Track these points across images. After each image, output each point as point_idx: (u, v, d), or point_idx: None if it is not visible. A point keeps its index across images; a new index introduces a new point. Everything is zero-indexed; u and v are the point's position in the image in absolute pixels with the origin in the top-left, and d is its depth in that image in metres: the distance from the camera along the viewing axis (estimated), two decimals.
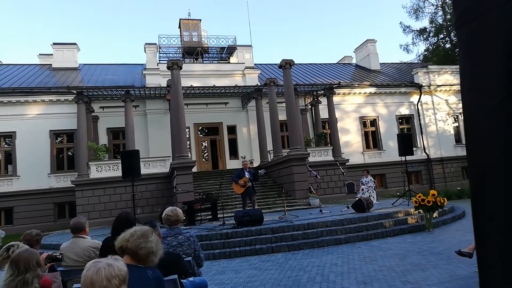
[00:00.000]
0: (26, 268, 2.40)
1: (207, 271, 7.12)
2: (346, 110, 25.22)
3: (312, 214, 12.00)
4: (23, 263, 2.40)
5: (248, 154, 22.63)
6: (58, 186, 19.84)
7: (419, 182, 25.67)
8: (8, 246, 3.35)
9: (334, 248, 8.67)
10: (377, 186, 21.80)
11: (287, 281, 6.11)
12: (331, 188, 19.33)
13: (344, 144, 23.55)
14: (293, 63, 18.33)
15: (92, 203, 17.24)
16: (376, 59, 30.76)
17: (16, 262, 2.41)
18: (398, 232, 9.69)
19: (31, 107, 20.38)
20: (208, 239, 9.44)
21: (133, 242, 2.41)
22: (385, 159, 24.89)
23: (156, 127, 21.67)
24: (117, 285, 1.76)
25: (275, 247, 8.81)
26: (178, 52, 24.40)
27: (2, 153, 20.27)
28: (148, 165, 18.20)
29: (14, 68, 24.79)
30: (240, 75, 23.96)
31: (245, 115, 23.48)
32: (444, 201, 9.69)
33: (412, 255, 7.12)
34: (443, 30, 38.44)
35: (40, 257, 2.68)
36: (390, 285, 5.35)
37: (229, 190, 15.72)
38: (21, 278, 2.36)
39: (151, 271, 2.43)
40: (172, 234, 4.31)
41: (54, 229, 18.30)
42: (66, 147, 21.23)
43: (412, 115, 26.70)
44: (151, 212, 17.00)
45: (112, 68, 26.48)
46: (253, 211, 10.52)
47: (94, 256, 4.36)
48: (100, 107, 21.13)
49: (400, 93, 26.42)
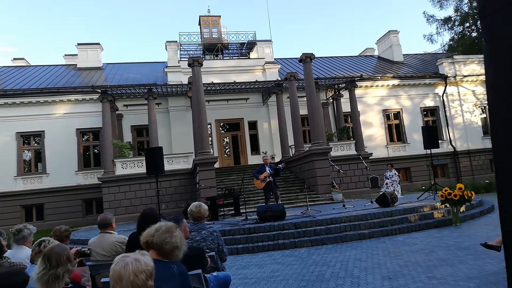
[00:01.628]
0: (57, 262, 2.48)
1: (230, 266, 7.19)
2: (368, 103, 24.83)
3: (335, 209, 11.91)
4: (54, 257, 2.49)
5: (269, 150, 22.64)
6: (86, 183, 20.45)
7: (445, 175, 25.05)
8: (40, 241, 3.47)
9: (358, 243, 8.59)
10: (402, 180, 21.44)
11: (311, 276, 6.10)
12: (354, 183, 19.10)
13: (367, 138, 23.21)
14: (313, 56, 18.14)
15: (118, 199, 17.66)
16: (399, 51, 30.07)
17: (48, 256, 2.50)
18: (423, 227, 9.52)
19: (58, 107, 21.02)
20: (231, 234, 9.53)
21: (158, 237, 2.46)
22: (410, 152, 24.40)
23: (178, 124, 21.96)
24: (144, 280, 1.81)
25: (298, 242, 8.80)
26: (199, 49, 24.56)
27: (32, 151, 21.00)
28: (172, 162, 18.47)
29: (42, 69, 25.58)
30: (260, 70, 23.93)
31: (266, 110, 23.47)
32: (471, 195, 9.44)
33: (438, 250, 6.98)
34: (468, 18, 37.17)
35: (70, 252, 2.77)
36: (416, 280, 5.26)
37: (251, 186, 15.76)
38: (53, 272, 2.44)
39: (176, 265, 2.48)
40: (195, 229, 4.38)
41: (82, 224, 18.88)
42: (92, 145, 21.81)
43: (437, 107, 26.03)
44: (175, 208, 17.27)
45: (135, 67, 26.95)
46: (275, 206, 10.54)
47: (120, 251, 4.47)
48: (124, 105, 21.56)
49: (424, 84, 25.79)
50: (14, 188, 19.77)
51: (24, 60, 28.30)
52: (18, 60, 28.06)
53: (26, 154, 20.94)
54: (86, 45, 25.81)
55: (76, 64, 25.77)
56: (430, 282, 5.11)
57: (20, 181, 19.99)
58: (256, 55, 24.64)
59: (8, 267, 3.50)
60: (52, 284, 2.41)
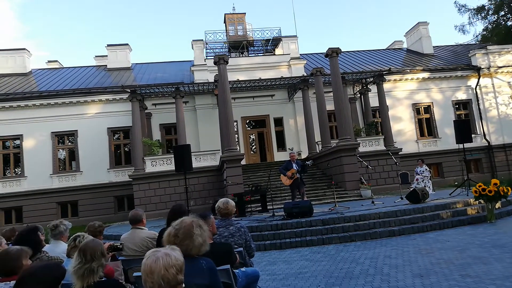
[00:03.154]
0: (92, 257, 2.57)
1: (258, 262, 7.23)
2: (397, 97, 24.24)
3: (363, 206, 11.76)
4: (89, 252, 2.58)
5: (296, 146, 22.54)
6: (117, 180, 21.05)
7: (479, 170, 24.16)
8: (75, 236, 3.61)
9: (388, 240, 8.45)
10: (433, 175, 20.83)
11: (339, 272, 6.06)
12: (383, 179, 18.72)
13: (397, 133, 22.69)
14: (340, 51, 17.86)
15: (148, 196, 18.08)
16: (429, 42, 29.12)
17: (83, 251, 2.60)
18: (456, 224, 9.25)
19: (90, 107, 21.72)
20: (259, 230, 9.57)
21: (181, 245, 2.39)
22: (441, 147, 23.68)
23: (205, 121, 22.21)
24: (174, 274, 1.85)
25: (326, 239, 8.75)
26: (224, 47, 24.71)
27: (67, 150, 21.81)
28: (199, 159, 18.72)
29: (74, 70, 26.49)
30: (286, 66, 23.82)
31: (292, 107, 23.36)
32: (507, 191, 9.11)
33: (472, 248, 6.76)
34: (503, 6, 35.52)
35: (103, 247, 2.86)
36: (449, 278, 5.12)
37: (278, 182, 15.76)
38: (88, 266, 2.53)
39: (204, 261, 2.52)
40: (223, 225, 4.43)
41: (114, 220, 19.47)
42: (123, 143, 22.41)
43: (470, 100, 25.10)
44: (203, 204, 17.50)
45: (162, 66, 27.46)
46: (302, 203, 10.50)
47: (151, 246, 4.59)
48: (152, 104, 22.01)
49: (456, 77, 24.90)
50: (50, 185, 20.62)
51: (58, 62, 29.46)
52: (52, 62, 29.25)
53: (60, 153, 21.77)
54: (115, 46, 26.49)
55: (106, 64, 26.53)
56: (464, 281, 4.95)
57: (55, 179, 20.82)
58: (282, 51, 24.53)
59: (47, 261, 3.66)
60: (87, 277, 2.50)
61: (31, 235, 3.92)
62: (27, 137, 20.96)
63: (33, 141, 21.00)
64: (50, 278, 2.21)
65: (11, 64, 25.00)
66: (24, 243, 3.43)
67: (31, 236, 3.89)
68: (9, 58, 25.12)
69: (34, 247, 3.54)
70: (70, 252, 3.52)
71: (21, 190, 20.32)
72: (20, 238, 3.90)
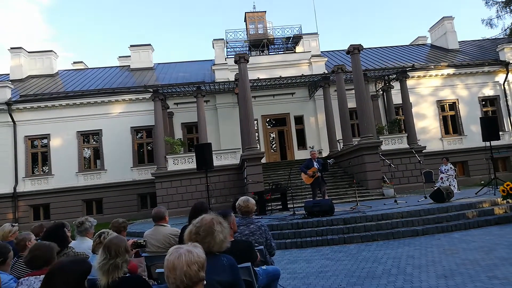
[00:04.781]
0: (116, 253, 2.64)
1: (279, 260, 7.24)
2: (421, 94, 23.71)
3: (386, 205, 11.59)
4: (113, 248, 2.65)
5: (316, 144, 22.39)
6: (140, 178, 21.46)
7: (507, 169, 23.37)
8: (100, 233, 3.71)
9: (411, 239, 8.30)
10: (458, 174, 20.30)
11: (361, 272, 5.99)
12: (406, 178, 18.37)
13: (420, 131, 22.19)
14: (361, 47, 17.61)
15: (170, 194, 18.35)
16: (454, 37, 28.33)
17: (108, 247, 2.67)
18: (482, 224, 8.99)
19: (114, 106, 22.20)
20: (279, 229, 9.57)
21: (203, 242, 2.41)
22: (467, 145, 23.03)
23: (226, 120, 22.35)
24: (196, 271, 1.88)
25: (347, 238, 8.67)
26: (245, 45, 24.76)
27: (91, 149, 22.38)
28: (220, 157, 18.85)
29: (98, 71, 27.13)
30: (307, 64, 23.66)
31: (312, 105, 23.20)
32: None
33: (500, 248, 6.57)
34: None
35: (127, 243, 2.93)
36: (474, 280, 4.99)
37: (298, 181, 15.70)
38: (112, 262, 2.60)
39: (225, 258, 2.55)
40: (244, 223, 4.45)
41: (138, 218, 19.85)
42: (145, 142, 22.81)
43: (497, 96, 24.30)
44: (224, 202, 17.63)
45: (184, 66, 27.78)
46: (323, 202, 10.43)
47: (174, 243, 4.65)
48: (174, 104, 22.30)
49: (483, 72, 24.15)
50: (76, 183, 21.21)
51: (83, 63, 30.25)
52: (77, 63, 30.07)
53: (86, 151, 22.35)
54: (138, 46, 26.97)
55: (129, 65, 27.06)
56: (491, 282, 4.82)
57: (81, 177, 21.40)
58: (302, 48, 24.40)
59: (73, 256, 3.77)
60: (112, 273, 2.57)
61: (58, 231, 4.04)
62: (54, 136, 21.62)
63: (60, 140, 21.64)
64: (77, 273, 2.28)
65: (39, 65, 25.87)
66: (51, 239, 3.55)
67: (58, 232, 4.01)
68: (37, 59, 26.00)
69: (61, 243, 3.67)
70: (95, 248, 3.61)
71: (48, 188, 20.99)
72: (47, 234, 4.02)
